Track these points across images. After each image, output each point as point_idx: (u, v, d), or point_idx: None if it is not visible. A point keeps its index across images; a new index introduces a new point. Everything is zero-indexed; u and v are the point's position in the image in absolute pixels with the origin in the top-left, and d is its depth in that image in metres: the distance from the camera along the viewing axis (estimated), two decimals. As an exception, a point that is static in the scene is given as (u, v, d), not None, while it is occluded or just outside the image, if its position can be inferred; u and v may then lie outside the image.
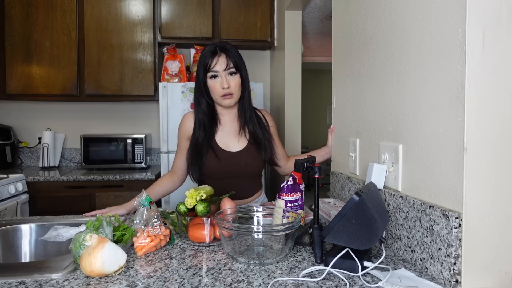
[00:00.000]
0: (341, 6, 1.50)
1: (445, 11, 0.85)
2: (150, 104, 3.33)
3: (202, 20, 2.99)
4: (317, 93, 7.57)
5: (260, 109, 1.59)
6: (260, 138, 1.48)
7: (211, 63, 1.38)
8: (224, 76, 1.38)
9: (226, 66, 1.37)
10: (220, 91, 1.39)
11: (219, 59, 1.38)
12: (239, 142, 1.48)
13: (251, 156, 1.46)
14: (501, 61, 0.79)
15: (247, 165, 1.46)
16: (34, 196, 2.57)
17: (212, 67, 1.38)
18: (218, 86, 1.38)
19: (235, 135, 1.49)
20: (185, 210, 1.13)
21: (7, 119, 3.23)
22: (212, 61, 1.37)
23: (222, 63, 1.37)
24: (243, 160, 1.45)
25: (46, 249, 1.31)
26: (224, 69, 1.37)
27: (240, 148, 1.47)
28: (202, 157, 1.43)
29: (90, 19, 2.91)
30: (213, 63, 1.37)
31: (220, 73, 1.38)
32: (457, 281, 0.80)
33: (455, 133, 0.81)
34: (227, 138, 1.47)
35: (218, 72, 1.38)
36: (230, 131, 1.49)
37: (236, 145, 1.47)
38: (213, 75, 1.39)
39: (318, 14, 3.54)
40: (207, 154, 1.42)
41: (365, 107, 1.27)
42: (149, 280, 0.86)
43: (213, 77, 1.39)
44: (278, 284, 0.83)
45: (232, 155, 1.45)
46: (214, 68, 1.37)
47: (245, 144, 1.48)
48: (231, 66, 1.38)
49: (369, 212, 0.87)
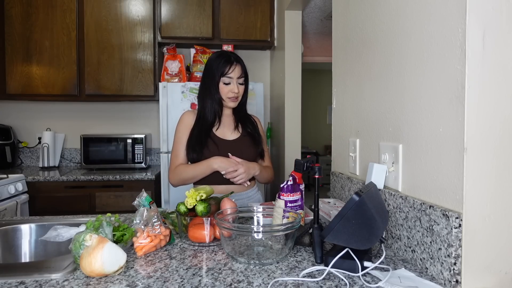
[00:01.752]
0: (341, 6, 1.50)
1: (445, 11, 0.85)
2: (150, 104, 3.33)
3: (202, 20, 2.99)
4: (317, 93, 7.57)
5: (252, 115, 1.78)
6: (253, 133, 1.69)
7: (228, 70, 1.58)
8: (236, 83, 1.59)
9: (240, 75, 1.60)
10: (230, 94, 1.59)
11: (236, 68, 1.59)
12: (233, 133, 1.67)
13: (245, 145, 1.65)
14: (501, 61, 0.79)
15: (241, 152, 1.61)
16: (34, 196, 2.57)
17: (229, 74, 1.57)
18: (229, 90, 1.59)
19: (230, 128, 1.68)
20: (185, 210, 1.13)
21: (7, 119, 3.23)
22: (229, 68, 1.58)
23: (237, 72, 1.59)
24: (238, 147, 1.62)
25: (46, 249, 1.31)
26: (238, 77, 1.59)
27: (235, 137, 1.66)
28: (203, 144, 1.59)
29: (90, 19, 2.91)
30: (230, 70, 1.58)
31: (233, 80, 1.58)
32: (457, 281, 0.80)
33: (455, 133, 0.81)
34: (224, 129, 1.66)
35: (232, 79, 1.58)
36: (227, 124, 1.68)
37: (231, 135, 1.66)
38: (227, 82, 1.58)
39: (318, 14, 3.54)
40: (206, 143, 1.59)
41: (365, 107, 1.27)
42: (149, 280, 0.86)
43: (226, 84, 1.59)
44: (278, 284, 0.83)
45: (229, 142, 1.63)
46: (230, 74, 1.58)
47: (239, 135, 1.67)
48: (242, 76, 1.61)
49: (369, 212, 0.87)
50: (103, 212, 2.53)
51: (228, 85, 1.58)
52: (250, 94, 2.75)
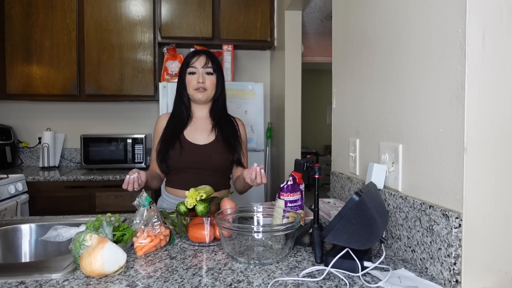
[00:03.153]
0: (341, 6, 1.50)
1: (445, 11, 0.85)
2: (150, 104, 3.33)
3: (202, 20, 2.99)
4: (317, 93, 7.57)
5: (235, 117, 1.67)
6: (230, 138, 1.56)
7: (191, 61, 1.53)
8: (202, 73, 1.52)
9: (205, 64, 1.52)
10: (195, 85, 1.52)
11: (199, 58, 1.53)
12: (207, 137, 1.56)
13: (216, 151, 1.53)
14: (501, 61, 0.79)
15: (210, 157, 1.52)
16: (34, 196, 2.57)
17: (192, 64, 1.53)
18: (195, 81, 1.52)
19: (205, 131, 1.57)
20: (185, 210, 1.13)
21: (7, 119, 3.23)
22: (192, 59, 1.53)
23: (201, 61, 1.52)
24: (207, 152, 1.52)
25: (46, 249, 1.31)
26: (202, 66, 1.52)
27: (207, 142, 1.55)
28: (169, 148, 1.51)
29: (90, 19, 2.91)
30: (193, 60, 1.53)
31: (198, 69, 1.52)
32: (457, 281, 0.80)
33: (455, 133, 0.81)
34: (196, 133, 1.56)
35: (197, 69, 1.52)
36: (201, 127, 1.58)
37: (203, 139, 1.55)
38: (191, 71, 1.52)
39: (318, 14, 3.54)
40: (173, 145, 1.51)
41: (365, 107, 1.28)
42: (149, 280, 0.86)
43: (191, 73, 1.53)
44: (278, 284, 0.83)
45: (198, 147, 1.53)
46: (194, 64, 1.52)
47: (212, 139, 1.56)
48: (209, 65, 1.53)
49: (369, 212, 0.87)
50: (103, 212, 2.52)
51: (193, 75, 1.52)
52: (250, 94, 2.75)
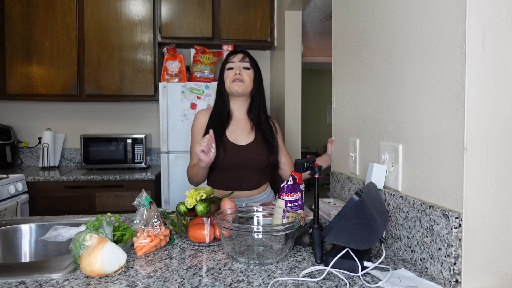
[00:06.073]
0: (341, 6, 1.50)
1: (445, 11, 0.85)
2: (150, 104, 3.33)
3: (202, 20, 2.99)
4: (317, 93, 7.57)
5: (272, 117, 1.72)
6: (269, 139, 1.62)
7: (229, 58, 1.59)
8: (239, 66, 1.57)
9: (242, 59, 1.58)
10: (232, 77, 1.55)
11: (237, 54, 1.59)
12: (247, 137, 1.60)
13: (257, 151, 1.58)
14: (501, 61, 0.79)
15: (252, 158, 1.57)
16: (34, 196, 2.57)
17: (230, 60, 1.58)
18: (232, 74, 1.56)
19: (245, 131, 1.61)
20: (185, 210, 1.13)
21: (7, 119, 3.23)
22: (230, 56, 1.59)
23: (239, 57, 1.58)
24: (249, 153, 1.57)
25: (46, 249, 1.31)
26: (240, 60, 1.57)
27: (247, 142, 1.59)
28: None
29: (90, 19, 2.91)
30: (231, 57, 1.59)
31: (235, 63, 1.57)
32: (457, 281, 0.80)
33: (455, 133, 0.81)
34: (237, 133, 1.60)
35: (234, 63, 1.57)
36: (241, 127, 1.62)
37: (244, 140, 1.60)
38: (230, 67, 1.57)
39: (318, 14, 3.54)
40: (217, 146, 1.51)
41: (365, 107, 1.27)
42: (149, 280, 0.86)
43: (229, 69, 1.58)
44: (278, 284, 0.83)
45: (240, 148, 1.57)
46: (231, 60, 1.58)
47: (252, 139, 1.60)
48: (246, 60, 1.58)
49: (369, 212, 0.87)
50: (103, 212, 2.52)
51: (231, 70, 1.57)
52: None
